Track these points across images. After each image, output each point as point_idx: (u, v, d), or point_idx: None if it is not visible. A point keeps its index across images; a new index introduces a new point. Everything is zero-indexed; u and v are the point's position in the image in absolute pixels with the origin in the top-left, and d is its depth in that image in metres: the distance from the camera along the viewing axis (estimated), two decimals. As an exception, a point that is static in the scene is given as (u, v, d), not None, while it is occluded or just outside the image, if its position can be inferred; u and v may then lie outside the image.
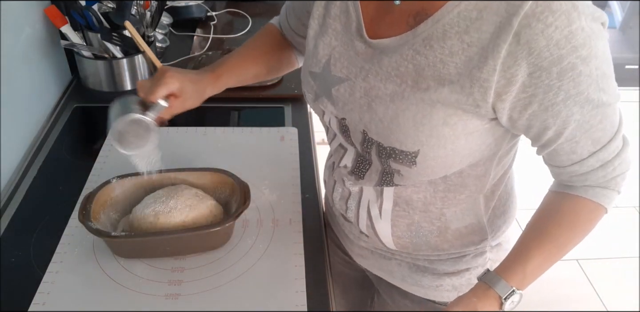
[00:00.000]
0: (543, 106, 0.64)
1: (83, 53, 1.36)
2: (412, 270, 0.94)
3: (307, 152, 1.20)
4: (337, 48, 0.78)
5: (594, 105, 0.65)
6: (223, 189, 0.99)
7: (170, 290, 0.87)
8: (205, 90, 0.88)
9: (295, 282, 0.89)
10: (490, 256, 0.91)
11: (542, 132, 0.68)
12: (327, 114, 0.83)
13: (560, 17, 0.58)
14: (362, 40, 0.74)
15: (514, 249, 0.78)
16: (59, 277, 0.88)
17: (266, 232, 0.98)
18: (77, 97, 1.40)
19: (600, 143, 0.70)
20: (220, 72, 0.90)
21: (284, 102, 1.39)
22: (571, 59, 0.60)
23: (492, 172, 0.81)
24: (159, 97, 0.81)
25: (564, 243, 0.76)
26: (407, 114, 0.70)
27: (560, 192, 0.78)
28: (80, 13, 1.29)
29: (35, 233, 0.98)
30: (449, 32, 0.65)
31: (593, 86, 0.63)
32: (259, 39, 0.99)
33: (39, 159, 1.17)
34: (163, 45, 1.61)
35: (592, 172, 0.73)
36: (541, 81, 0.62)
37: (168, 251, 0.92)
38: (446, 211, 0.84)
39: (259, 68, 0.96)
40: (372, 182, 0.83)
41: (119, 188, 0.97)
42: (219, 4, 1.92)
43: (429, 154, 0.72)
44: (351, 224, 0.94)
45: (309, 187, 1.10)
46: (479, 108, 0.66)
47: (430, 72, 0.67)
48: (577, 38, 0.60)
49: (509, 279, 0.75)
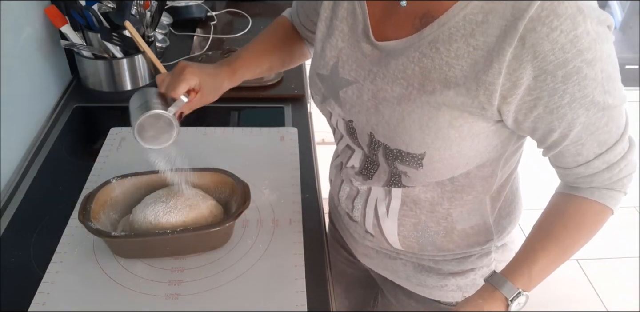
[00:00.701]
0: (548, 109, 0.64)
1: (83, 53, 1.36)
2: (417, 270, 0.93)
3: (307, 152, 1.20)
4: (344, 50, 0.78)
5: (600, 108, 0.65)
6: (223, 189, 0.99)
7: (170, 290, 0.87)
8: (223, 85, 0.89)
9: (295, 282, 0.89)
10: (496, 257, 0.91)
11: (548, 135, 0.68)
12: (334, 116, 0.83)
13: (566, 21, 0.58)
14: (368, 42, 0.75)
15: (520, 251, 0.78)
16: (59, 277, 0.88)
17: (266, 232, 0.98)
18: (77, 97, 1.40)
19: (607, 145, 0.70)
20: (236, 66, 0.92)
21: (284, 102, 1.39)
22: (576, 63, 0.60)
23: (499, 173, 0.81)
24: (180, 93, 0.82)
25: (570, 245, 0.76)
26: (413, 116, 0.70)
27: (567, 193, 0.77)
28: (80, 13, 1.29)
29: (35, 233, 0.98)
30: (455, 35, 0.65)
31: (598, 89, 0.63)
32: (272, 31, 1.00)
33: (39, 159, 1.17)
34: (163, 45, 1.61)
35: (598, 174, 0.72)
36: (546, 84, 0.62)
37: (168, 251, 0.92)
38: (453, 211, 0.84)
39: (273, 61, 0.98)
40: (380, 183, 0.83)
41: (119, 188, 0.97)
42: (219, 4, 1.92)
43: (435, 156, 0.72)
44: (356, 224, 0.94)
45: (309, 187, 1.10)
46: (484, 111, 0.66)
47: (436, 75, 0.67)
48: (582, 42, 0.59)
49: (515, 281, 0.75)
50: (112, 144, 1.19)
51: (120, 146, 1.19)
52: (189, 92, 0.84)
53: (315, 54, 0.84)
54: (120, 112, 1.38)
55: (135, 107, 0.83)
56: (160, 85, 0.85)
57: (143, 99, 0.84)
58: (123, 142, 1.20)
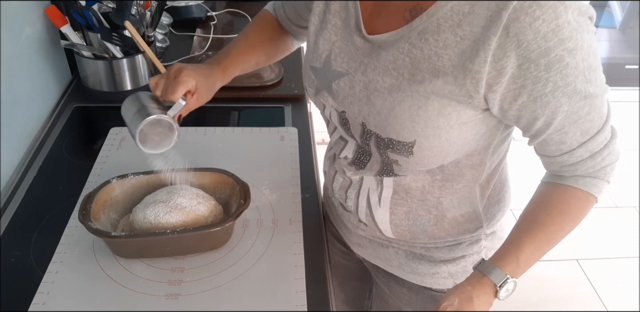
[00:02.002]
0: (532, 97, 0.66)
1: (83, 53, 1.36)
2: (408, 258, 0.95)
3: (307, 152, 1.20)
4: (337, 43, 0.80)
5: (582, 97, 0.67)
6: (223, 189, 0.99)
7: (170, 290, 0.87)
8: (216, 84, 0.91)
9: (295, 282, 0.89)
10: (485, 244, 0.93)
11: (532, 123, 0.70)
12: (327, 107, 0.85)
13: (548, 10, 0.60)
14: (360, 36, 0.77)
15: (508, 239, 0.80)
16: (59, 277, 0.88)
17: (266, 232, 0.98)
18: (77, 97, 1.40)
19: (589, 134, 0.72)
20: (226, 64, 0.93)
21: (284, 102, 1.39)
22: (558, 52, 0.62)
23: (488, 161, 0.83)
24: (179, 96, 0.83)
25: (555, 231, 0.78)
26: (403, 105, 0.72)
27: (551, 182, 0.80)
28: (80, 13, 1.29)
29: (35, 233, 0.98)
30: (443, 25, 0.67)
31: (580, 78, 0.65)
32: (256, 27, 1.02)
33: (39, 159, 1.17)
34: (163, 45, 1.61)
35: (581, 162, 0.75)
36: (530, 73, 0.64)
37: (168, 251, 0.92)
38: (443, 199, 0.86)
39: (259, 56, 1.00)
40: (372, 172, 0.85)
41: (119, 188, 0.97)
42: (219, 4, 1.92)
43: (424, 144, 0.74)
44: (350, 213, 0.96)
45: (309, 187, 1.10)
46: (471, 99, 0.68)
47: (426, 65, 0.69)
48: (563, 31, 0.61)
49: (503, 268, 0.77)
50: (112, 144, 1.20)
51: (120, 146, 1.19)
52: (185, 95, 0.84)
53: (308, 47, 0.87)
54: (120, 112, 1.38)
55: (133, 114, 0.83)
56: (154, 88, 0.85)
57: (138, 105, 0.84)
58: (123, 142, 1.20)
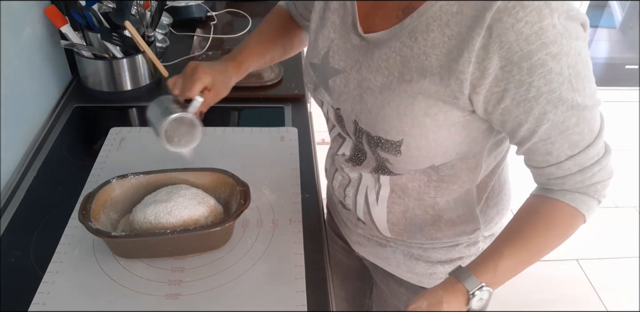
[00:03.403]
0: (515, 101, 0.65)
1: (83, 53, 1.36)
2: (406, 257, 0.95)
3: (307, 152, 1.20)
4: (335, 41, 0.81)
5: (569, 106, 0.65)
6: (223, 189, 0.99)
7: (170, 290, 0.87)
8: (231, 79, 0.92)
9: (295, 282, 0.89)
10: (483, 246, 0.93)
11: (516, 129, 0.69)
12: (325, 104, 0.86)
13: (531, 12, 0.60)
14: (356, 34, 0.77)
15: (489, 247, 0.78)
16: (59, 277, 0.88)
17: (266, 232, 0.98)
18: (77, 97, 1.40)
19: (579, 147, 0.70)
20: (241, 60, 0.94)
21: (284, 102, 1.39)
22: (541, 55, 0.61)
23: (484, 164, 0.83)
24: (196, 92, 0.85)
25: (539, 245, 0.76)
26: (392, 104, 0.72)
27: (540, 195, 0.78)
28: (80, 13, 1.29)
29: (35, 233, 0.98)
30: (432, 25, 0.67)
31: (566, 85, 0.64)
32: (271, 22, 1.03)
33: (39, 159, 1.17)
34: (163, 45, 1.61)
35: (569, 176, 0.72)
36: (512, 76, 0.63)
37: (168, 251, 0.92)
38: (439, 200, 0.86)
39: (274, 51, 1.01)
40: (369, 169, 0.86)
41: (119, 188, 0.97)
42: (219, 4, 1.92)
43: (412, 144, 0.74)
44: (349, 211, 0.97)
45: (309, 187, 1.10)
46: (457, 99, 0.68)
47: (414, 64, 0.69)
48: (547, 34, 0.60)
49: (479, 275, 0.74)
50: (112, 144, 1.20)
51: (120, 146, 1.19)
52: (202, 91, 0.86)
53: (309, 44, 0.88)
54: (120, 112, 1.38)
55: (156, 116, 0.85)
56: (173, 87, 0.87)
57: (161, 108, 0.86)
58: (123, 142, 1.20)
